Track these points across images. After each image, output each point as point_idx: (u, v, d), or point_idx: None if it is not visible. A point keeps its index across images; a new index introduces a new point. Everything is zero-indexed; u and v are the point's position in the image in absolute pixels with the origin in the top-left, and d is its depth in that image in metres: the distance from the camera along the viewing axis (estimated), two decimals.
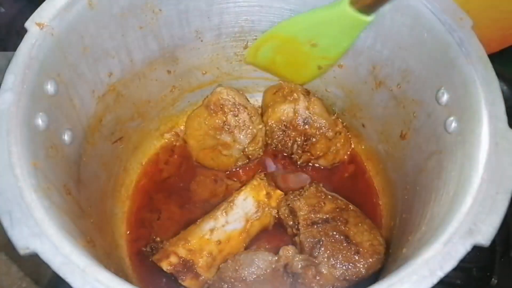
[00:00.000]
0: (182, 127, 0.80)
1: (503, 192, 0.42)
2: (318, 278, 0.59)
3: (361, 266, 0.60)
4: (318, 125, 0.72)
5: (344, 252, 0.60)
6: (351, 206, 0.67)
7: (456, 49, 0.50)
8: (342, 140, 0.75)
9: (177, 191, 0.75)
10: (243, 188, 0.69)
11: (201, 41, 0.70)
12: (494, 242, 0.63)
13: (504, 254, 0.67)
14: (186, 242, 0.63)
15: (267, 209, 0.68)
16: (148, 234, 0.70)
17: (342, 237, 0.61)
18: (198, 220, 0.67)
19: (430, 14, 0.52)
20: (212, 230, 0.64)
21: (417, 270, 0.39)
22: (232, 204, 0.67)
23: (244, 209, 0.66)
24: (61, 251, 0.38)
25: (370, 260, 0.60)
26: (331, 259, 0.60)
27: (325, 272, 0.59)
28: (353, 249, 0.60)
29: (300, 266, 0.59)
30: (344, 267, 0.60)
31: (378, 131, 0.72)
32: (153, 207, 0.74)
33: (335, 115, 0.76)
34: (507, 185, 0.42)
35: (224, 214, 0.66)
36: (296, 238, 0.65)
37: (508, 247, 0.67)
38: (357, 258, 0.60)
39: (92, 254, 0.46)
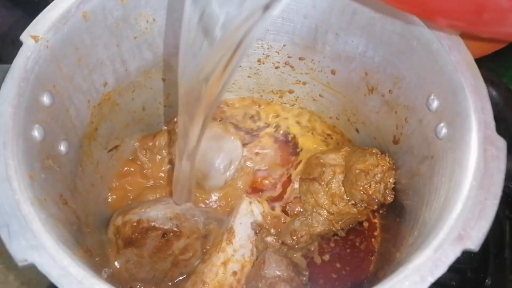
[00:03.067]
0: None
1: (491, 197, 0.42)
2: None
3: None
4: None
5: None
6: None
7: (445, 56, 0.51)
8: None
9: None
10: (234, 214, 0.69)
11: None
12: (488, 243, 0.65)
13: (497, 256, 0.67)
14: (204, 284, 0.62)
15: (265, 232, 0.68)
16: None
17: None
18: (204, 258, 0.66)
19: (419, 21, 0.53)
20: (224, 264, 0.64)
21: (408, 277, 0.39)
22: (231, 230, 0.67)
23: (246, 231, 0.67)
24: (59, 263, 0.39)
25: None
26: None
27: None
28: None
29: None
30: None
31: (371, 136, 0.73)
32: None
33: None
34: (495, 191, 0.43)
35: (228, 242, 0.65)
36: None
37: (501, 248, 0.68)
38: None
39: (89, 263, 0.47)
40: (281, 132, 0.81)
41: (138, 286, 0.64)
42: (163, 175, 0.75)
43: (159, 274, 0.64)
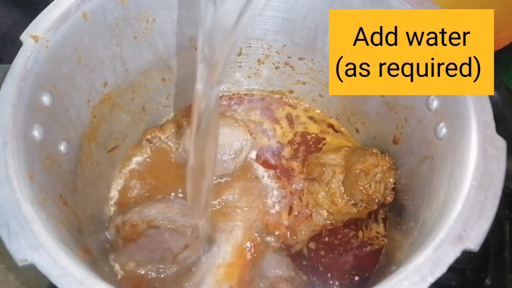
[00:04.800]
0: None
1: (491, 197, 0.42)
2: None
3: None
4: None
5: None
6: None
7: None
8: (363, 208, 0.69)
9: None
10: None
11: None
12: (487, 243, 0.65)
13: (497, 256, 0.67)
14: (204, 284, 0.64)
15: (265, 232, 0.69)
16: None
17: None
18: (204, 257, 0.66)
19: None
20: (224, 263, 0.65)
21: (408, 277, 0.39)
22: (231, 230, 0.68)
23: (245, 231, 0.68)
24: (58, 263, 0.39)
25: None
26: None
27: None
28: None
29: None
30: None
31: (371, 136, 0.73)
32: None
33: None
34: (495, 190, 0.43)
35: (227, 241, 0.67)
36: None
37: (501, 249, 0.68)
38: None
39: (89, 263, 0.47)
40: (299, 134, 0.78)
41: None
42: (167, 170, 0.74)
43: (158, 273, 0.64)
